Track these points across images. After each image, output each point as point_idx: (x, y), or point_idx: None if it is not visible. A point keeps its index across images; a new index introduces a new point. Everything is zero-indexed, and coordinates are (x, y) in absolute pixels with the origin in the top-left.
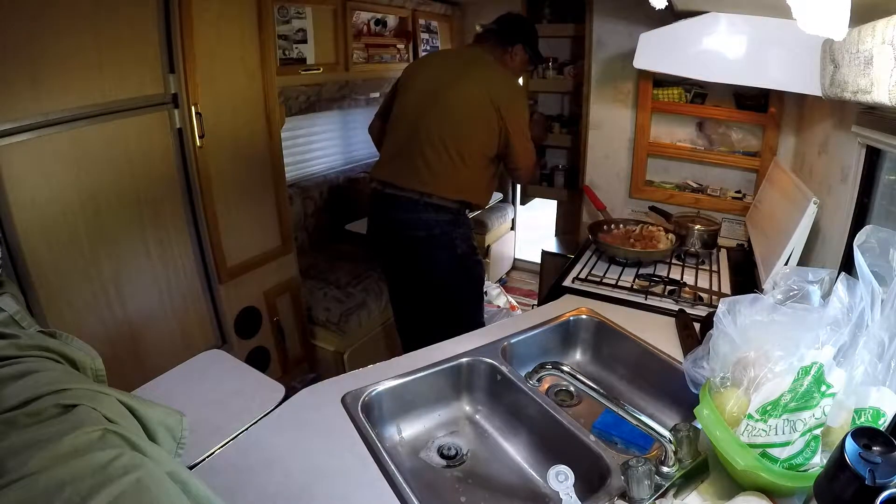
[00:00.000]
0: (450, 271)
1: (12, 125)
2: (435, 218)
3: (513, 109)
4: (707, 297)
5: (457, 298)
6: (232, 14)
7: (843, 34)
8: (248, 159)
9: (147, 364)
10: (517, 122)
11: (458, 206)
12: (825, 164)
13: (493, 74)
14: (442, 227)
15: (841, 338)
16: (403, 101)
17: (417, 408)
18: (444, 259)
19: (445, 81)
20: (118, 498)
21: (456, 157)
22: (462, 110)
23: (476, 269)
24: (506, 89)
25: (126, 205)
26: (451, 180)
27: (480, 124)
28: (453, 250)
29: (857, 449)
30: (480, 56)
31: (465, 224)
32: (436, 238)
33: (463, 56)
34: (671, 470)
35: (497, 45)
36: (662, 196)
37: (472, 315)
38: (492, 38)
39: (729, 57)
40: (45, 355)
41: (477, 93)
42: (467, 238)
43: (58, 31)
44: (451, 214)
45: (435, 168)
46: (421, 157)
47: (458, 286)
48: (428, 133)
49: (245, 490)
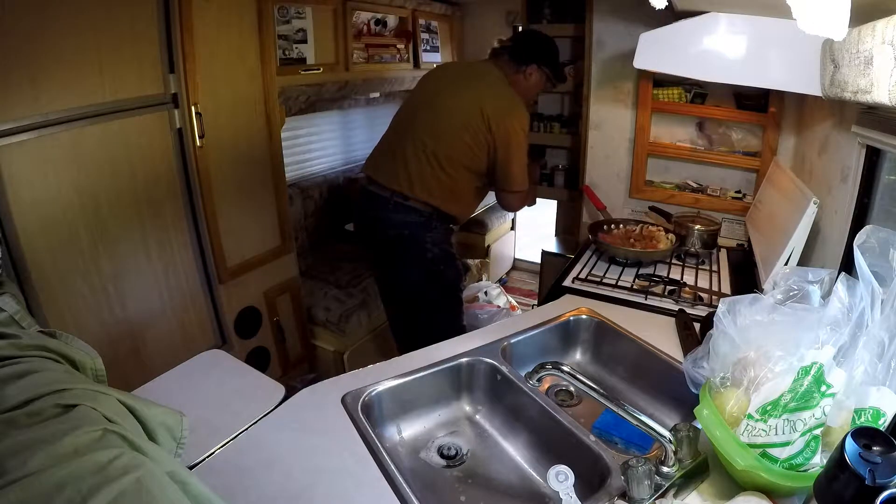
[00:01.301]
0: (420, 274)
1: (12, 125)
2: (404, 219)
3: (504, 126)
4: (707, 297)
5: (429, 301)
6: (232, 14)
7: (843, 34)
8: (248, 159)
9: (147, 364)
10: (508, 141)
11: (430, 210)
12: (825, 164)
13: (492, 90)
14: (411, 228)
15: (841, 338)
16: (406, 103)
17: (417, 408)
18: (414, 261)
19: (446, 89)
20: (118, 498)
21: (434, 163)
22: (451, 119)
23: (448, 274)
24: (501, 105)
25: (126, 205)
26: (425, 184)
27: (467, 135)
28: (423, 254)
29: (857, 449)
30: (490, 71)
31: (439, 230)
32: (406, 239)
33: (474, 69)
34: (671, 470)
35: (511, 63)
36: (662, 196)
37: (447, 319)
38: (507, 55)
39: (729, 57)
40: (45, 355)
41: (470, 103)
42: (439, 242)
43: (58, 31)
44: (422, 217)
45: (412, 169)
46: (402, 157)
47: (431, 289)
48: (414, 135)
49: (245, 490)
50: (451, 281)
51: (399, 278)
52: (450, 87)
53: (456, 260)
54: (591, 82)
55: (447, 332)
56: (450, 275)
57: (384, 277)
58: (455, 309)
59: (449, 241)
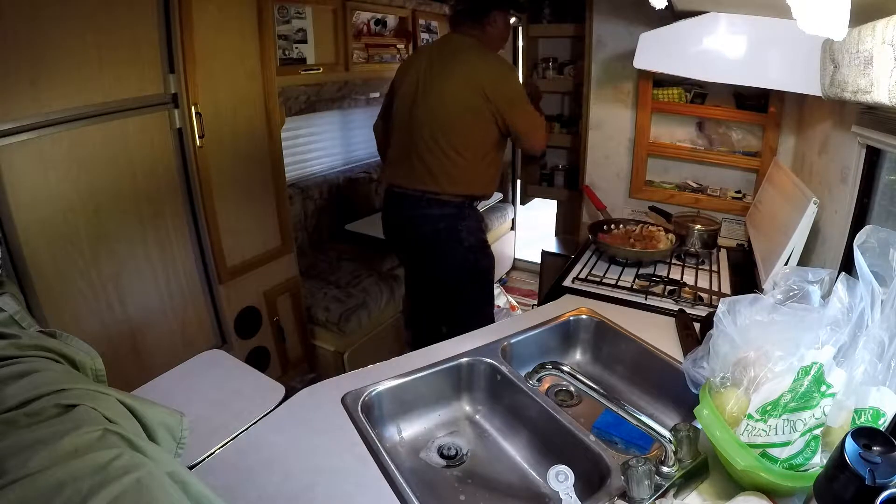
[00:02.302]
0: (458, 264)
1: (12, 125)
2: (440, 212)
3: (501, 91)
4: (707, 297)
5: (466, 290)
6: (232, 14)
7: (843, 34)
8: (248, 159)
9: (147, 364)
10: (509, 98)
11: (462, 199)
12: (825, 164)
13: (474, 62)
14: (447, 220)
15: (841, 338)
16: (397, 103)
17: (417, 408)
18: (451, 252)
19: (430, 79)
20: (118, 498)
21: (452, 154)
22: (451, 107)
23: (483, 262)
24: (487, 72)
25: (126, 205)
26: (449, 177)
27: (469, 115)
28: (460, 243)
29: (857, 449)
30: (460, 43)
31: (472, 217)
32: (441, 232)
33: (443, 49)
34: (671, 470)
35: (474, 23)
36: (662, 196)
37: (481, 308)
38: (466, 17)
39: (729, 57)
40: (45, 355)
41: (462, 85)
42: (474, 231)
43: (58, 31)
44: (455, 209)
45: (432, 167)
46: (418, 159)
47: (466, 279)
48: (420, 133)
49: (245, 490)
50: (485, 269)
51: (438, 271)
52: (433, 74)
53: (488, 247)
54: (591, 82)
55: (481, 322)
56: (484, 263)
57: (418, 275)
58: (489, 297)
59: (481, 229)
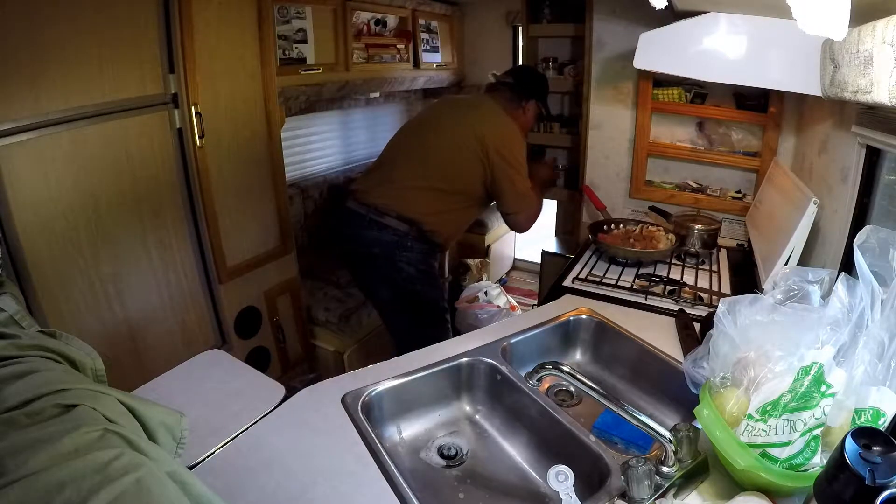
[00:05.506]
0: (389, 292)
1: (12, 125)
2: (377, 237)
3: (500, 142)
4: (707, 297)
5: (404, 317)
6: (232, 14)
7: (843, 34)
8: (248, 159)
9: (147, 364)
10: (502, 155)
11: (407, 228)
12: (825, 164)
13: (488, 116)
14: (382, 247)
15: (841, 338)
16: (403, 127)
17: (417, 408)
18: (384, 279)
19: (443, 116)
20: (118, 498)
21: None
22: (447, 141)
23: (428, 293)
24: (496, 129)
25: (126, 205)
26: (408, 202)
27: (460, 156)
28: (395, 273)
29: (857, 449)
30: (485, 101)
31: (414, 249)
32: (376, 257)
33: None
34: (671, 470)
35: (511, 99)
36: (662, 196)
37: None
38: (506, 91)
39: (729, 57)
40: (45, 355)
41: (465, 128)
42: (415, 262)
43: (58, 32)
44: (396, 237)
45: (400, 187)
46: (392, 175)
47: (402, 307)
48: (408, 154)
49: (245, 490)
50: (430, 299)
51: (372, 294)
52: (446, 114)
53: (437, 279)
54: (591, 82)
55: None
56: (430, 294)
57: (363, 290)
58: (437, 324)
59: (428, 262)
